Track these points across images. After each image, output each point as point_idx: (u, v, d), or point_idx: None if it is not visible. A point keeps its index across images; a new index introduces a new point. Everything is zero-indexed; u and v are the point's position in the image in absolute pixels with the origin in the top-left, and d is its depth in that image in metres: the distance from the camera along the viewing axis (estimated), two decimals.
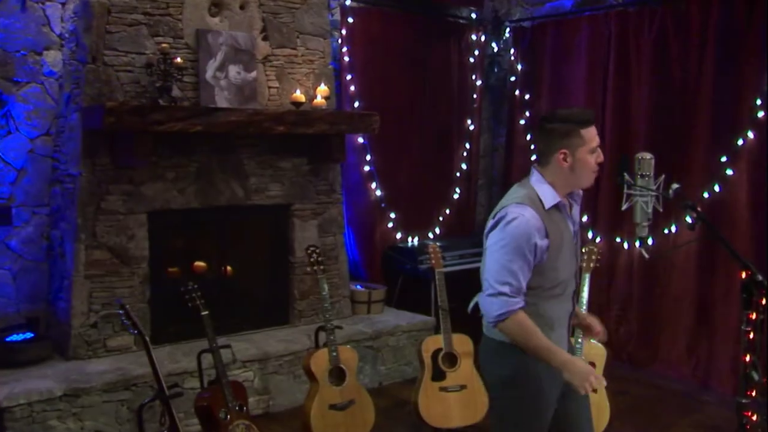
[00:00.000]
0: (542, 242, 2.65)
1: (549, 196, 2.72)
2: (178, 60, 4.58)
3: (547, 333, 2.69)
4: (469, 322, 3.44)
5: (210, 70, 4.83)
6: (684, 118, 5.58)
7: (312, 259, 4.41)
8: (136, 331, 3.72)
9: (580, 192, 2.88)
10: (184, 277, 4.94)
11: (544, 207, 2.70)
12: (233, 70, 4.92)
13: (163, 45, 4.56)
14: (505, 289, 2.62)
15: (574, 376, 2.57)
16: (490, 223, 2.77)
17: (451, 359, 4.51)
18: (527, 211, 2.65)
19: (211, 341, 3.84)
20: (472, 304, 2.97)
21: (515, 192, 2.79)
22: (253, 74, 5.03)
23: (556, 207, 2.74)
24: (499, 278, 2.63)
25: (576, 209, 2.88)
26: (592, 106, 6.01)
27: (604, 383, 2.62)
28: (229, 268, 5.35)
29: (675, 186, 2.62)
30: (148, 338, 3.73)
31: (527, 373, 2.72)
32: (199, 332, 3.97)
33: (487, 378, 2.92)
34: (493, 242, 2.70)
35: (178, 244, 5.21)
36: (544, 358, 2.62)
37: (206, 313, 3.89)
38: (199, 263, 5.27)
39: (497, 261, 2.65)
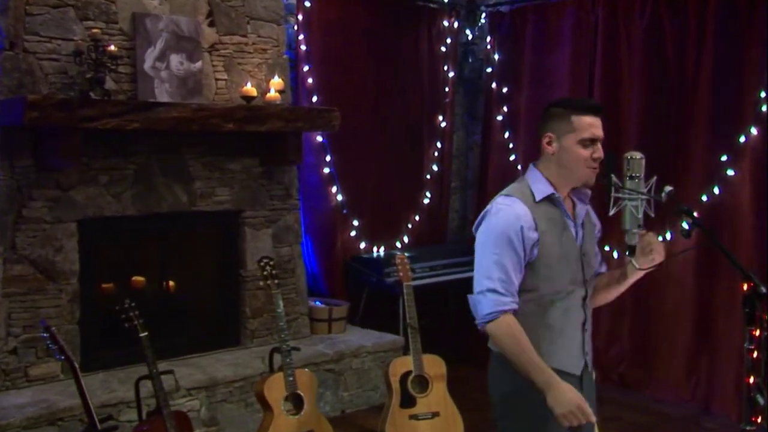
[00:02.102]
0: (531, 234, 2.70)
1: (541, 188, 2.78)
2: (112, 48, 4.53)
3: (553, 340, 2.74)
4: (441, 341, 3.42)
5: (149, 60, 4.79)
6: (680, 113, 5.64)
7: (265, 273, 4.41)
8: (63, 357, 3.67)
9: (588, 191, 2.90)
10: (119, 293, 4.87)
11: (534, 199, 2.77)
12: (175, 60, 4.89)
13: (94, 30, 4.51)
14: (495, 285, 2.65)
15: (556, 403, 2.55)
16: (479, 218, 2.83)
17: (422, 383, 4.51)
18: (514, 202, 2.74)
19: (151, 366, 3.81)
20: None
21: (509, 187, 2.87)
22: (198, 64, 5.00)
23: (551, 201, 2.79)
24: (488, 274, 2.68)
25: (582, 208, 2.89)
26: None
27: (594, 420, 2.60)
28: (171, 283, 5.33)
29: (668, 188, 2.63)
30: (77, 364, 3.68)
31: (534, 389, 2.71)
32: (136, 357, 3.96)
33: (490, 397, 2.92)
34: (481, 237, 2.77)
35: (113, 257, 5.16)
36: (528, 373, 2.61)
37: (145, 334, 3.86)
38: (137, 278, 5.23)
39: (485, 256, 2.72)
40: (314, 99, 6.01)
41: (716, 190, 5.42)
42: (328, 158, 6.16)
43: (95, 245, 4.81)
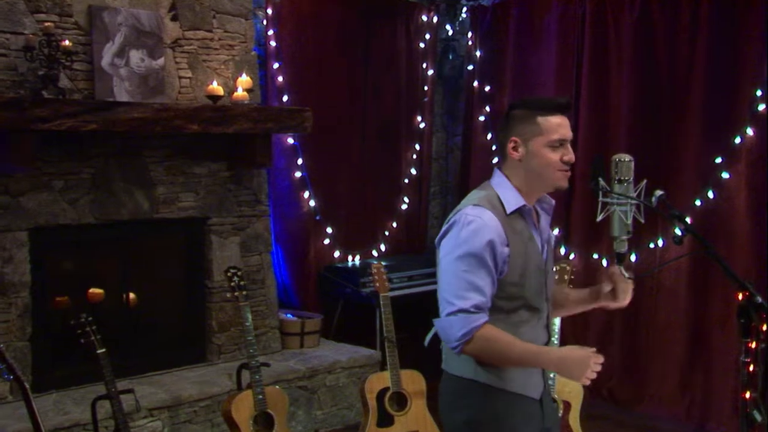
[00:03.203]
0: (503, 249, 2.65)
1: (511, 199, 2.73)
2: (67, 43, 4.50)
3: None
4: (421, 355, 3.42)
5: (107, 56, 4.76)
6: (671, 113, 5.66)
7: (233, 284, 4.42)
8: (12, 377, 3.60)
9: (552, 201, 2.89)
10: (75, 307, 4.82)
11: (505, 211, 2.71)
12: (135, 57, 4.86)
13: (47, 24, 4.47)
14: (466, 304, 2.58)
15: (573, 370, 2.54)
16: (442, 229, 2.76)
17: (400, 400, 4.51)
18: (485, 214, 2.66)
19: (109, 385, 3.79)
20: (429, 336, 2.95)
21: (473, 194, 2.80)
22: (160, 61, 4.98)
23: (520, 214, 2.75)
24: (458, 293, 2.61)
25: (545, 220, 2.88)
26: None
27: (601, 359, 2.58)
28: (132, 295, 5.28)
29: (659, 193, 2.63)
30: (28, 385, 3.59)
31: (497, 417, 2.69)
32: (94, 375, 3.95)
33: (445, 426, 2.87)
34: (447, 252, 2.68)
35: (69, 268, 5.14)
36: (533, 364, 2.60)
37: (103, 351, 3.84)
38: (95, 290, 5.17)
39: (453, 273, 2.64)
40: (285, 98, 6.00)
41: (710, 194, 5.44)
42: (299, 161, 6.15)
43: (49, 255, 4.78)
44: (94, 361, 3.82)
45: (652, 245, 5.67)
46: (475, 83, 6.87)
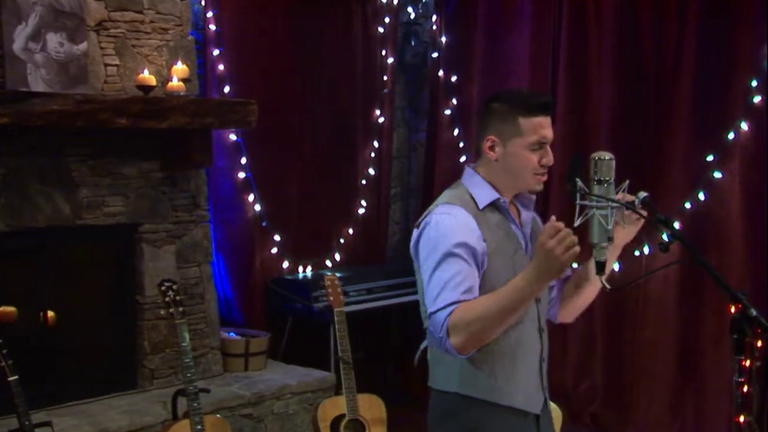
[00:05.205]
0: (479, 244, 2.73)
1: (484, 194, 2.84)
2: None
3: (508, 375, 2.76)
4: (380, 378, 3.42)
5: (19, 40, 4.69)
6: (658, 106, 5.72)
7: (168, 299, 4.42)
8: None
9: (532, 197, 2.98)
10: None
11: (477, 206, 2.81)
12: (53, 41, 4.81)
13: None
14: (443, 303, 2.62)
15: (551, 269, 2.51)
16: (414, 235, 2.85)
17: (357, 429, 4.51)
18: (455, 210, 2.76)
19: (23, 418, 3.76)
20: (419, 353, 3.00)
21: (444, 194, 2.90)
22: (82, 46, 4.93)
23: (496, 208, 2.85)
24: (437, 294, 2.65)
25: (527, 215, 2.96)
26: (539, 89, 6.09)
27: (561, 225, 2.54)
28: (50, 314, 5.21)
29: (642, 194, 2.66)
30: None
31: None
32: (5, 406, 3.86)
33: None
34: (424, 257, 2.76)
35: None
36: (520, 298, 2.56)
37: (15, 378, 3.81)
38: (6, 309, 5.10)
39: (434, 279, 2.69)
40: (226, 89, 5.99)
41: (701, 196, 5.51)
42: (243, 161, 6.15)
43: None
44: (5, 390, 3.77)
45: (637, 253, 5.71)
46: (441, 73, 6.89)
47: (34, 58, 4.74)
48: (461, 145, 6.73)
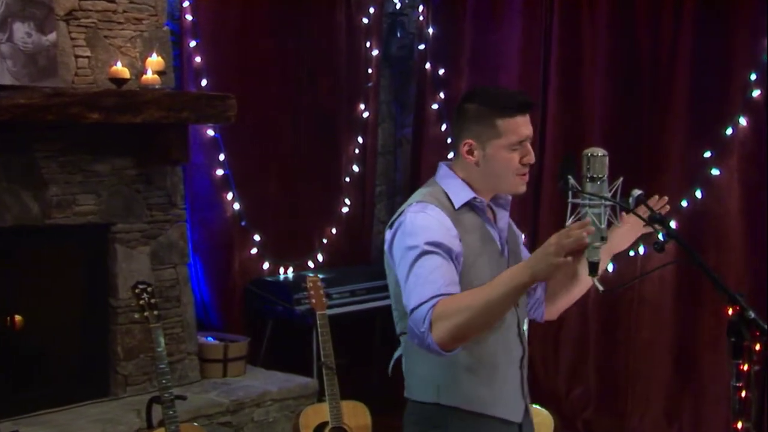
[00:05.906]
0: (454, 242, 2.70)
1: (460, 193, 2.82)
2: None
3: (489, 382, 2.75)
4: (365, 384, 3.42)
5: None
6: (654, 101, 5.73)
7: (142, 302, 4.43)
8: None
9: (508, 197, 2.96)
10: None
11: (453, 206, 2.80)
12: (21, 31, 4.77)
13: None
14: (421, 300, 2.57)
15: (549, 264, 2.43)
16: (387, 236, 2.84)
17: None
18: (429, 208, 2.74)
19: None
20: (393, 361, 2.97)
21: (416, 193, 2.89)
22: (51, 37, 4.89)
23: (471, 208, 2.83)
24: (415, 292, 2.60)
25: (503, 216, 2.94)
26: (530, 84, 6.13)
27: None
28: (17, 318, 5.16)
29: (636, 192, 2.66)
30: None
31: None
32: None
33: None
34: (399, 257, 2.73)
35: None
36: (511, 291, 2.49)
37: None
38: None
39: (412, 277, 2.65)
40: (203, 83, 5.98)
41: (698, 194, 5.52)
42: (221, 157, 6.13)
43: None
44: None
45: (632, 253, 5.71)
46: (428, 65, 6.89)
47: (0, 49, 4.71)
48: (449, 140, 6.72)
